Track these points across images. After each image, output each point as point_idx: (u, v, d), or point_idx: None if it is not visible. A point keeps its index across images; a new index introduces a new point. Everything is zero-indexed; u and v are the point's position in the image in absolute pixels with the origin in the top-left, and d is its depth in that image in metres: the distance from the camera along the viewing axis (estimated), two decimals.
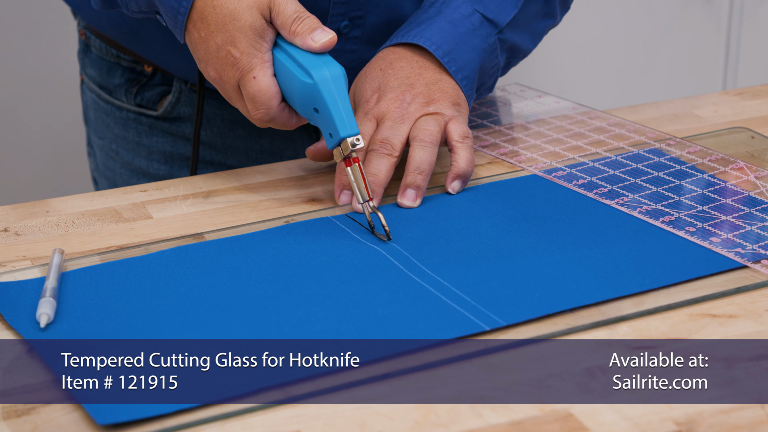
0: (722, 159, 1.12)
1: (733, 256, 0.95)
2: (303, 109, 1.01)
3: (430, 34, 1.09)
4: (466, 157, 1.05)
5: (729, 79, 2.43)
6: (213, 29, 1.00)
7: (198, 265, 0.95)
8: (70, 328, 0.87)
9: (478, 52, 1.10)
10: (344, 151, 0.99)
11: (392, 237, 0.98)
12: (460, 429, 0.77)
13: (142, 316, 0.88)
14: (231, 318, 0.88)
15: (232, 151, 1.27)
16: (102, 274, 0.94)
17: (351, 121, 0.99)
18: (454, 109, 1.07)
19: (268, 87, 1.00)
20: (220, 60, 1.00)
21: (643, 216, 1.01)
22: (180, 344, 0.85)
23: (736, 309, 0.89)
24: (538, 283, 0.91)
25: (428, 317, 0.87)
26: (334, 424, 0.77)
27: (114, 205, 1.07)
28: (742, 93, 1.30)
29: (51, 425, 0.77)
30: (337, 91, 0.98)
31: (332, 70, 0.99)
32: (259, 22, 0.99)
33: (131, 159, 1.29)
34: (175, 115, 1.26)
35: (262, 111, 1.01)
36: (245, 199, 1.08)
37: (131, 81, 1.27)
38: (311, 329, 0.86)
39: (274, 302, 0.90)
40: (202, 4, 1.00)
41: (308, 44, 0.99)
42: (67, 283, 0.93)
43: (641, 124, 1.20)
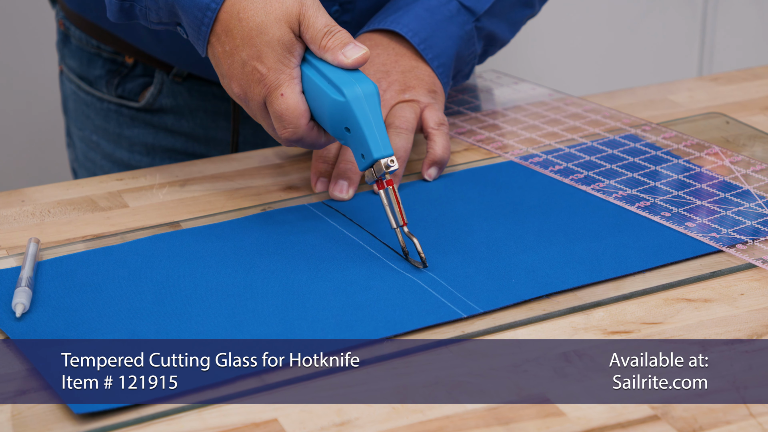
0: (697, 144, 1.12)
1: (708, 240, 0.95)
2: (333, 128, 0.95)
3: (407, 20, 1.09)
4: (443, 144, 1.06)
5: (705, 64, 2.44)
6: (238, 43, 0.95)
7: (174, 254, 0.95)
8: (45, 318, 0.86)
9: (455, 40, 1.10)
10: (377, 173, 0.94)
11: (369, 226, 0.98)
12: (436, 415, 0.77)
13: (119, 304, 0.88)
14: (207, 306, 0.88)
15: (215, 142, 1.27)
16: (78, 263, 0.94)
17: (385, 142, 0.93)
18: (430, 96, 1.07)
19: (296, 105, 0.95)
20: (246, 76, 0.95)
21: (619, 201, 1.02)
22: (156, 333, 0.84)
23: (712, 293, 0.89)
24: (514, 269, 0.92)
25: (405, 304, 0.87)
26: (310, 411, 0.77)
27: (90, 194, 1.06)
28: (717, 78, 1.30)
29: (28, 414, 0.77)
30: (370, 110, 0.93)
31: (365, 87, 0.94)
32: (288, 36, 0.94)
33: (112, 150, 1.28)
34: (157, 107, 1.25)
35: (289, 130, 0.95)
36: (221, 187, 1.08)
37: (112, 72, 1.26)
38: (288, 317, 0.86)
39: (251, 290, 0.90)
40: (227, 16, 0.95)
41: (340, 60, 0.94)
42: (43, 273, 0.92)
43: (617, 110, 1.20)
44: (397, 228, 0.94)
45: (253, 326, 0.85)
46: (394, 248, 0.95)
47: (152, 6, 0.98)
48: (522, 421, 0.76)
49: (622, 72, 2.41)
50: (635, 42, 2.41)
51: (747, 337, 0.84)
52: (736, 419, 0.76)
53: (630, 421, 0.76)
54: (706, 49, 2.44)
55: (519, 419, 0.76)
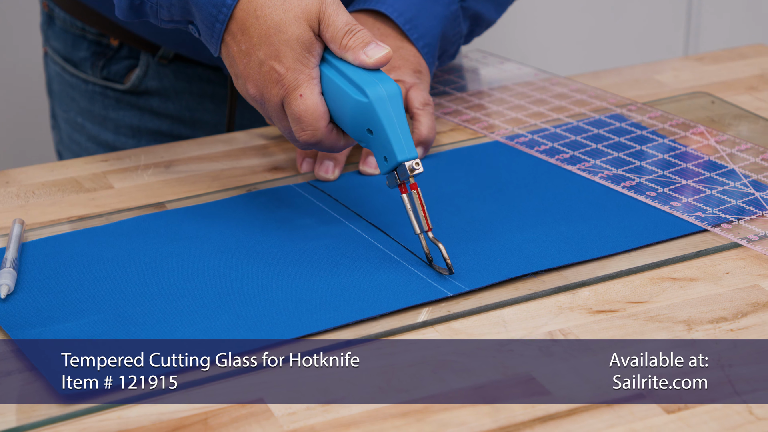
0: (683, 124, 1.12)
1: (693, 220, 0.95)
2: (354, 130, 0.91)
3: (392, 0, 1.08)
4: (428, 124, 1.05)
5: (691, 44, 2.44)
6: (255, 42, 0.91)
7: (159, 235, 0.95)
8: (30, 299, 0.86)
9: (440, 20, 1.10)
10: (401, 176, 0.90)
11: (355, 206, 0.98)
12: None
13: (104, 285, 0.88)
14: (193, 287, 0.87)
15: (201, 125, 1.26)
16: (63, 244, 0.94)
17: (409, 144, 0.89)
18: (415, 76, 1.07)
19: (315, 106, 0.91)
20: (263, 76, 0.91)
21: (605, 181, 1.02)
22: (141, 313, 0.84)
23: (697, 272, 0.89)
24: (500, 249, 0.92)
25: (391, 284, 0.87)
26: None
27: (75, 176, 1.06)
28: (703, 58, 1.30)
29: (12, 396, 0.77)
30: (393, 111, 0.89)
31: (388, 87, 0.90)
32: (307, 35, 0.90)
33: (97, 132, 1.28)
34: (143, 89, 1.25)
35: (308, 132, 0.91)
36: (207, 168, 1.07)
37: (97, 54, 1.26)
38: (274, 298, 0.86)
39: (236, 271, 0.89)
40: (244, 13, 0.91)
41: (361, 59, 0.90)
42: (28, 254, 0.92)
43: (603, 90, 1.20)
44: (421, 233, 0.90)
45: (239, 306, 0.85)
46: (379, 227, 0.95)
47: (164, 3, 0.94)
48: (508, 400, 0.76)
49: (608, 52, 2.41)
50: (621, 22, 2.41)
51: (732, 315, 0.84)
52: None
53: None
54: (692, 28, 2.44)
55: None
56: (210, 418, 0.75)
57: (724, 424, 0.74)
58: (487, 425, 0.74)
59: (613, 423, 0.74)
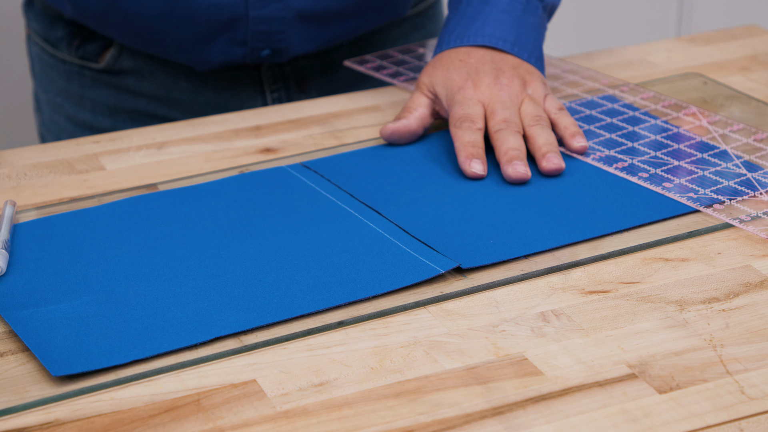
0: (675, 105, 1.12)
1: (685, 201, 0.95)
2: None
3: (489, 30, 1.08)
4: (570, 121, 1.05)
5: (683, 25, 2.44)
6: None
7: (152, 216, 0.95)
8: (23, 280, 0.86)
9: (537, 29, 1.11)
10: None
11: (350, 188, 0.98)
12: (415, 375, 0.77)
13: (96, 267, 0.88)
14: (186, 268, 0.87)
15: (176, 104, 1.26)
16: (55, 225, 0.93)
17: None
18: (545, 86, 1.08)
19: None
20: None
21: (597, 162, 1.02)
22: (134, 294, 0.84)
23: (689, 253, 0.90)
24: (493, 230, 0.92)
25: (384, 264, 0.87)
26: (289, 372, 0.77)
27: (66, 157, 1.06)
28: (695, 39, 1.30)
29: (5, 377, 0.77)
30: None
31: None
32: None
33: (75, 112, 1.28)
34: (118, 68, 1.25)
35: None
36: (199, 149, 1.07)
37: (73, 34, 1.26)
38: (266, 279, 0.86)
39: (228, 252, 0.89)
40: None
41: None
42: (20, 235, 0.92)
43: (595, 71, 1.20)
44: None
45: (231, 288, 0.85)
46: (372, 207, 0.95)
47: None
48: (500, 381, 0.76)
49: (600, 33, 2.40)
50: (613, 2, 2.40)
51: (724, 295, 0.84)
52: (713, 377, 0.76)
53: (607, 379, 0.76)
54: (684, 9, 2.44)
55: (497, 379, 0.76)
56: (203, 399, 0.75)
57: (716, 404, 0.74)
58: (480, 406, 0.74)
59: (606, 403, 0.74)
